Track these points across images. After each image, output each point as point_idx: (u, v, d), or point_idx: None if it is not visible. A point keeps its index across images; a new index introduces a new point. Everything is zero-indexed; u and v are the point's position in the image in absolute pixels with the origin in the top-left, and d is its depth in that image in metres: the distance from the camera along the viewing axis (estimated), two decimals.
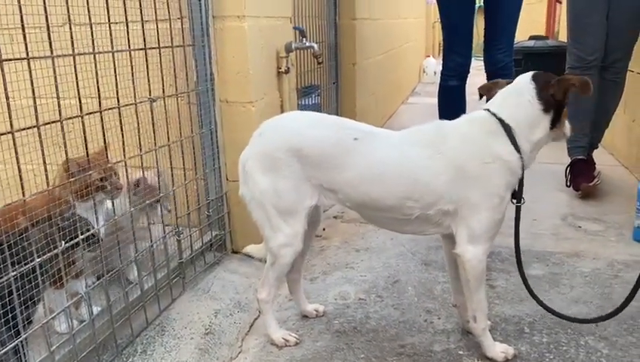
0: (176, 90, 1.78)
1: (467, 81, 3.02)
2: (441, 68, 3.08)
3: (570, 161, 3.02)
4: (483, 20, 2.92)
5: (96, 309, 1.50)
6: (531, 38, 4.55)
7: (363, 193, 1.49)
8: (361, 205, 1.54)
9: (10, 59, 1.12)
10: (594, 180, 2.92)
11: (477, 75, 3.29)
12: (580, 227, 2.51)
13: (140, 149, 1.59)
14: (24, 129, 1.17)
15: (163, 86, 1.69)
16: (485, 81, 3.05)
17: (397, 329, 1.72)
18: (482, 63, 2.99)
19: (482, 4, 2.88)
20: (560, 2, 4.45)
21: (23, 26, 1.14)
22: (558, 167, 3.18)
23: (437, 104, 3.20)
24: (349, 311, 1.83)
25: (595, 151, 3.13)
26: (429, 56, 8.59)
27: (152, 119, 1.64)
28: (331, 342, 1.66)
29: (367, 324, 1.75)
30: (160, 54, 1.66)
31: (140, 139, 1.58)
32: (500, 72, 2.89)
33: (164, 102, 1.72)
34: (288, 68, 2.28)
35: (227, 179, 2.09)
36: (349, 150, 1.47)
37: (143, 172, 1.67)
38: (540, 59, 4.32)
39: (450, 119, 3.26)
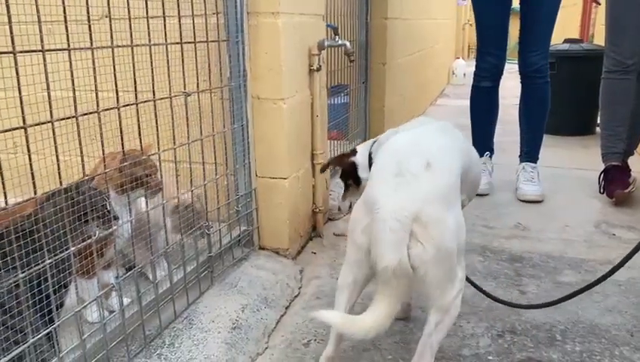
0: (210, 85, 1.78)
1: (500, 84, 2.99)
2: (472, 69, 3.05)
3: (604, 167, 2.94)
4: (516, 22, 2.88)
5: (126, 300, 1.51)
6: (566, 41, 4.47)
7: (477, 184, 1.65)
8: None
9: (52, 50, 1.14)
10: (629, 187, 2.85)
11: (510, 78, 3.24)
12: (613, 235, 2.45)
13: (174, 142, 1.59)
14: (63, 119, 1.18)
15: (197, 80, 1.70)
16: (519, 84, 3.02)
17: None
18: (514, 66, 2.95)
19: (518, 5, 2.83)
20: (599, 4, 4.34)
21: (65, 17, 1.16)
22: (591, 173, 3.11)
23: (469, 105, 3.16)
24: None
25: (630, 157, 3.05)
26: (458, 57, 8.50)
27: (187, 113, 1.65)
28: (358, 341, 1.64)
29: (394, 326, 1.73)
30: (195, 49, 1.67)
31: (174, 132, 1.59)
32: (534, 75, 2.85)
33: (198, 97, 1.73)
34: (320, 65, 2.27)
35: (256, 175, 2.10)
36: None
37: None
38: (574, 62, 4.24)
39: (483, 120, 3.24)
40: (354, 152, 1.90)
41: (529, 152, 3.03)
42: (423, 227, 1.15)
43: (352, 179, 1.89)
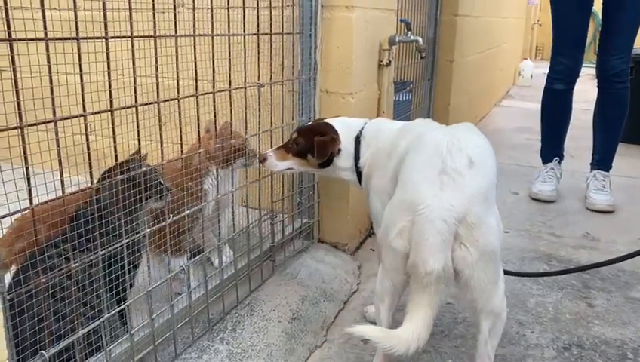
0: (282, 76, 1.80)
1: (575, 87, 2.87)
2: (539, 71, 2.95)
3: None
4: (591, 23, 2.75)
5: (192, 283, 1.55)
6: None
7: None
8: None
9: (140, 36, 1.17)
10: None
11: (580, 81, 3.10)
12: None
13: (246, 132, 1.62)
14: (146, 104, 1.22)
15: (271, 72, 1.72)
16: (591, 88, 2.88)
17: None
18: (586, 69, 2.81)
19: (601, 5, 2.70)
20: None
21: (153, 4, 1.19)
22: None
23: (534, 108, 3.06)
24: (437, 314, 1.77)
25: None
26: (526, 58, 8.22)
27: (259, 104, 1.67)
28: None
29: (454, 330, 1.70)
30: (271, 40, 1.69)
31: (246, 121, 1.61)
32: (613, 79, 2.72)
33: (271, 89, 1.74)
34: (389, 61, 2.25)
35: None
36: None
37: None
38: None
39: (554, 124, 3.11)
40: (334, 131, 1.58)
41: (601, 160, 2.90)
42: (468, 229, 1.11)
43: (324, 159, 1.58)
